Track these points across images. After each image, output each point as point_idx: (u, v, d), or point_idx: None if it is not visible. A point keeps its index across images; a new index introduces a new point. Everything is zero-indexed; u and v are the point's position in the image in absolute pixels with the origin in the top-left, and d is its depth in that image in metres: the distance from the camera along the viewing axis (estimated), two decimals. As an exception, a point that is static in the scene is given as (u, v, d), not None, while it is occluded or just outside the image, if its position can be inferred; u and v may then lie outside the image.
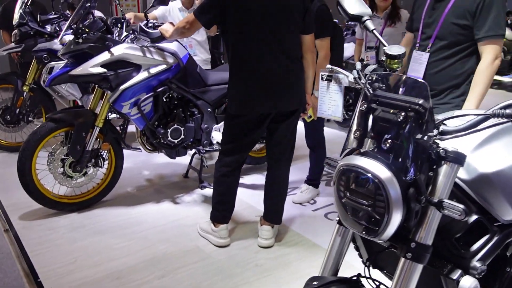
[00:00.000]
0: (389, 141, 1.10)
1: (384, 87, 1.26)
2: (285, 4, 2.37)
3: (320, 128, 3.30)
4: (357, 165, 1.12)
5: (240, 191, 2.79)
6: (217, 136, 3.40)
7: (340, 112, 1.57)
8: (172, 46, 3.15)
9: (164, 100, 3.23)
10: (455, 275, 1.17)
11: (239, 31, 2.41)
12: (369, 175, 1.10)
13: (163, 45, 3.11)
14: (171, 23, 2.84)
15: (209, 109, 3.36)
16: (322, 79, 1.62)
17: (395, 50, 1.29)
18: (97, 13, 4.66)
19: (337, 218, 1.33)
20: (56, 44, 4.03)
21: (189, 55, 3.27)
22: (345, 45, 4.29)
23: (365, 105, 1.18)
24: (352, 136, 1.19)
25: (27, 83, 4.21)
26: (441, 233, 1.19)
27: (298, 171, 3.73)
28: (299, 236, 2.91)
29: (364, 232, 1.16)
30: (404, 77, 1.20)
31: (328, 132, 3.34)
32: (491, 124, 1.12)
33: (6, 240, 2.89)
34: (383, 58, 1.33)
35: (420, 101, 1.09)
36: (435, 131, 1.13)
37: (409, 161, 1.08)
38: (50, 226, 3.01)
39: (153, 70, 3.03)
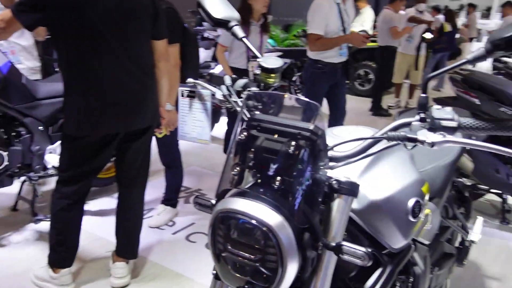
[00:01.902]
0: (278, 178, 0.88)
1: (260, 106, 1.05)
2: (130, 7, 2.02)
3: (174, 143, 3.01)
4: (239, 210, 0.88)
5: (86, 219, 2.33)
6: (52, 159, 2.86)
7: (208, 134, 1.32)
8: (-15, 52, 2.54)
9: (-21, 119, 2.59)
10: None
11: (75, 38, 1.95)
12: (255, 222, 0.87)
13: (-29, 51, 2.48)
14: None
15: (40, 128, 2.82)
16: (182, 95, 1.35)
17: (271, 62, 1.09)
18: None
19: (213, 271, 1.07)
20: None
21: (11, 64, 2.69)
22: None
23: (245, 133, 0.94)
24: (230, 172, 0.95)
25: None
26: (334, 275, 1.02)
27: (153, 189, 3.29)
28: (158, 267, 2.57)
29: (250, 290, 0.93)
30: (288, 96, 1.00)
31: (184, 142, 3.01)
32: (383, 148, 0.99)
33: None
34: (257, 71, 1.12)
35: (311, 127, 0.90)
36: (326, 160, 0.95)
37: (303, 201, 0.88)
38: None
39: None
